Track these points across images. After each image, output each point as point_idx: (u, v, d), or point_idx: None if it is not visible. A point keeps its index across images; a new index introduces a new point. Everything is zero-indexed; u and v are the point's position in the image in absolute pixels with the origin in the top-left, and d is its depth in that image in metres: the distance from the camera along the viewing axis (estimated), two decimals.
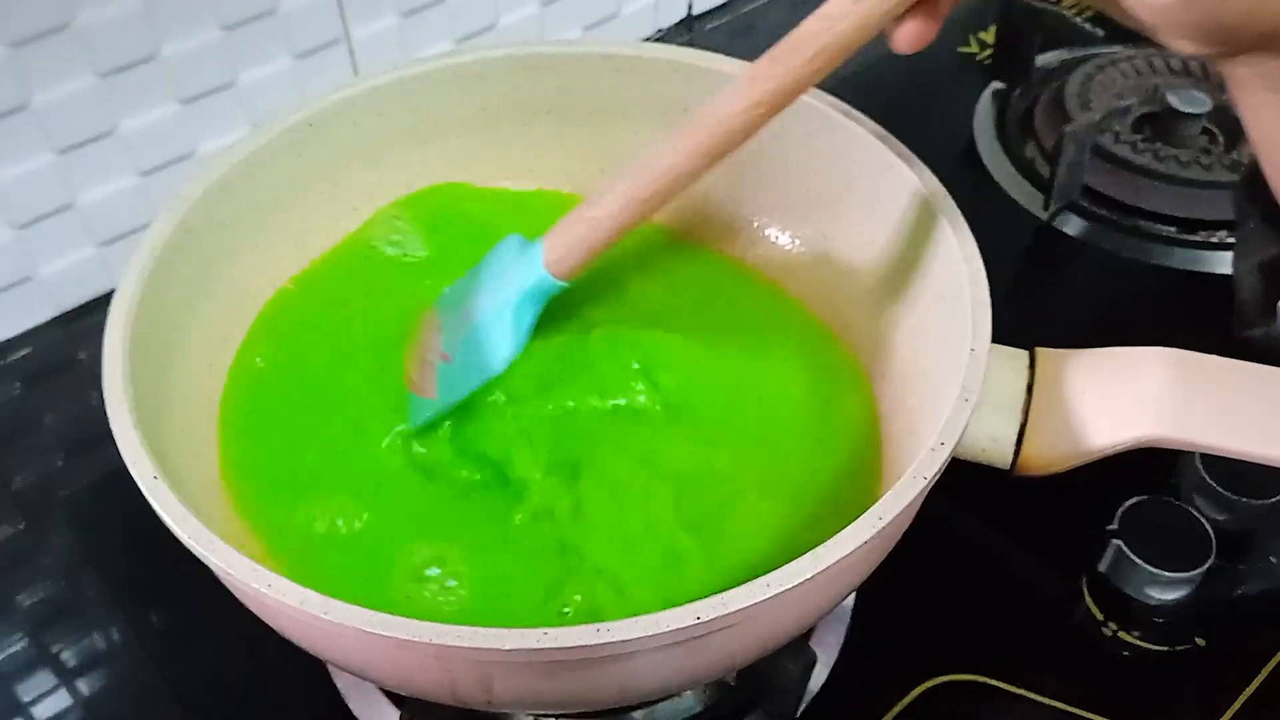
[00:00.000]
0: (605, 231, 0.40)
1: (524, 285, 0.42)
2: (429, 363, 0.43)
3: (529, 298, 0.42)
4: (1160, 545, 0.46)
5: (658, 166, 0.39)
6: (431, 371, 0.43)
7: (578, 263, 0.41)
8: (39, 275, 0.57)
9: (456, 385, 0.42)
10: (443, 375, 0.42)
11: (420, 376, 0.43)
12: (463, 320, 0.43)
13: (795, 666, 0.40)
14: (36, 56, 0.51)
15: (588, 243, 0.41)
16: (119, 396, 0.35)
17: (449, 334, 0.43)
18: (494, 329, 0.42)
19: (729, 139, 0.38)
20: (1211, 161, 0.64)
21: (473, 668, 0.31)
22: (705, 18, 0.79)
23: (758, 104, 0.37)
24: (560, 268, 0.41)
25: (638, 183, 0.39)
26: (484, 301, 0.43)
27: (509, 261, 0.43)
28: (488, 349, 0.42)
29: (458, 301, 0.44)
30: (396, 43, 0.63)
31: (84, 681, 0.46)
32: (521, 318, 0.42)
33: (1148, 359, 0.39)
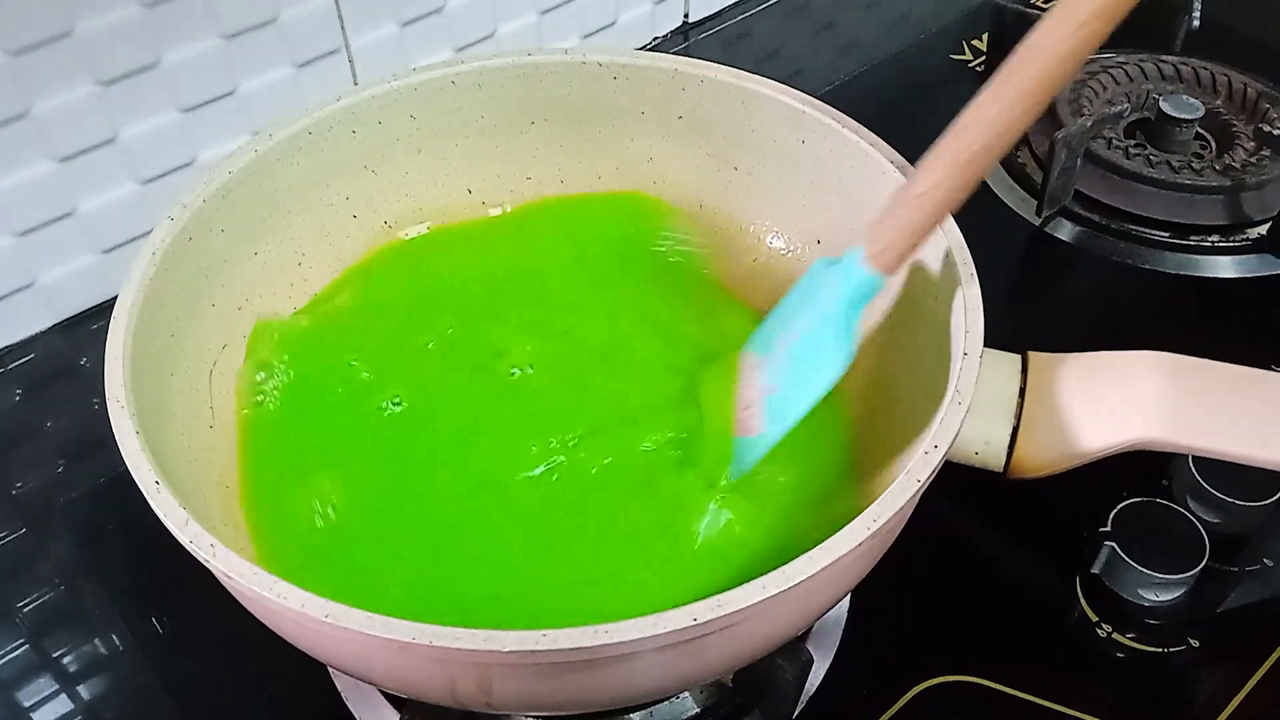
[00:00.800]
0: (931, 206, 0.36)
1: (845, 290, 0.39)
2: (753, 401, 0.42)
3: (854, 301, 0.39)
4: (1154, 547, 0.46)
5: (982, 121, 0.35)
6: (758, 409, 0.41)
7: (901, 251, 0.38)
8: (40, 282, 0.57)
9: (788, 411, 0.40)
10: (771, 406, 0.41)
11: (744, 416, 0.42)
12: (783, 346, 0.42)
13: (792, 668, 0.40)
14: (37, 65, 0.51)
15: (912, 225, 0.37)
16: (121, 402, 0.36)
17: (770, 365, 0.42)
18: (821, 342, 0.40)
19: (1060, 68, 0.33)
20: (1203, 166, 0.64)
21: (472, 669, 0.31)
22: (701, 25, 0.79)
23: (1090, 19, 0.32)
24: (884, 259, 0.38)
25: (960, 145, 0.35)
26: (802, 321, 0.41)
27: (819, 280, 0.41)
28: (818, 363, 0.40)
29: (772, 335, 0.43)
30: (395, 52, 0.63)
31: (84, 687, 0.46)
32: (847, 320, 0.39)
33: (1140, 362, 0.40)
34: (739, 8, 0.80)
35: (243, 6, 0.56)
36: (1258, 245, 0.63)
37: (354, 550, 0.40)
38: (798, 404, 0.40)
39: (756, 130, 0.48)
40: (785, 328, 0.42)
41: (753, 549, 0.40)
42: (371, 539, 0.41)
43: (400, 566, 0.40)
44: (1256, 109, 0.68)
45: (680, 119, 0.49)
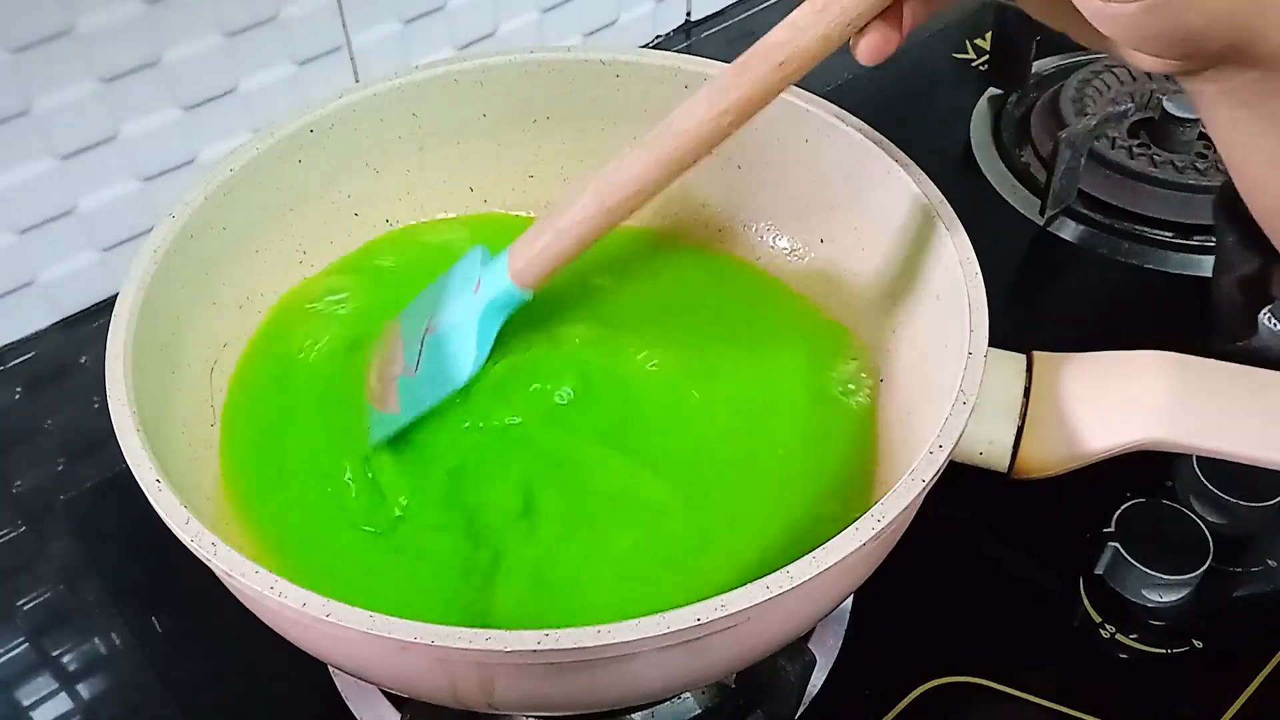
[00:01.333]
0: (572, 240, 0.40)
1: (489, 296, 0.41)
2: (391, 376, 0.43)
3: (494, 308, 0.41)
4: (1157, 548, 0.46)
5: (625, 176, 0.39)
6: (393, 385, 0.42)
7: (543, 272, 0.41)
8: (40, 280, 0.57)
9: (419, 398, 0.42)
10: (404, 388, 0.42)
11: (382, 390, 0.43)
12: (426, 332, 0.43)
13: (794, 668, 0.40)
14: (38, 62, 0.51)
15: (554, 251, 0.40)
16: (122, 400, 0.36)
17: (411, 347, 0.43)
18: (458, 340, 0.42)
19: (697, 147, 0.38)
20: (1207, 166, 0.64)
21: (474, 670, 0.31)
22: (703, 24, 0.79)
23: (725, 112, 0.37)
24: (525, 277, 0.41)
25: (605, 192, 0.39)
26: (448, 313, 0.42)
27: (473, 273, 0.43)
28: (451, 361, 0.41)
29: (421, 314, 0.44)
30: (397, 50, 0.63)
31: (84, 685, 0.46)
32: (486, 328, 0.41)
33: (1144, 362, 0.40)
34: (741, 6, 0.80)
35: (244, 4, 0.56)
36: None
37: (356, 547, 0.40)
38: (428, 396, 0.42)
39: (760, 129, 0.47)
40: (433, 309, 0.43)
41: (758, 549, 0.40)
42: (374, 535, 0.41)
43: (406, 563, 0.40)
44: None
45: None
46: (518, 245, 0.41)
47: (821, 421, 0.44)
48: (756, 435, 0.43)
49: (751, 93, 0.37)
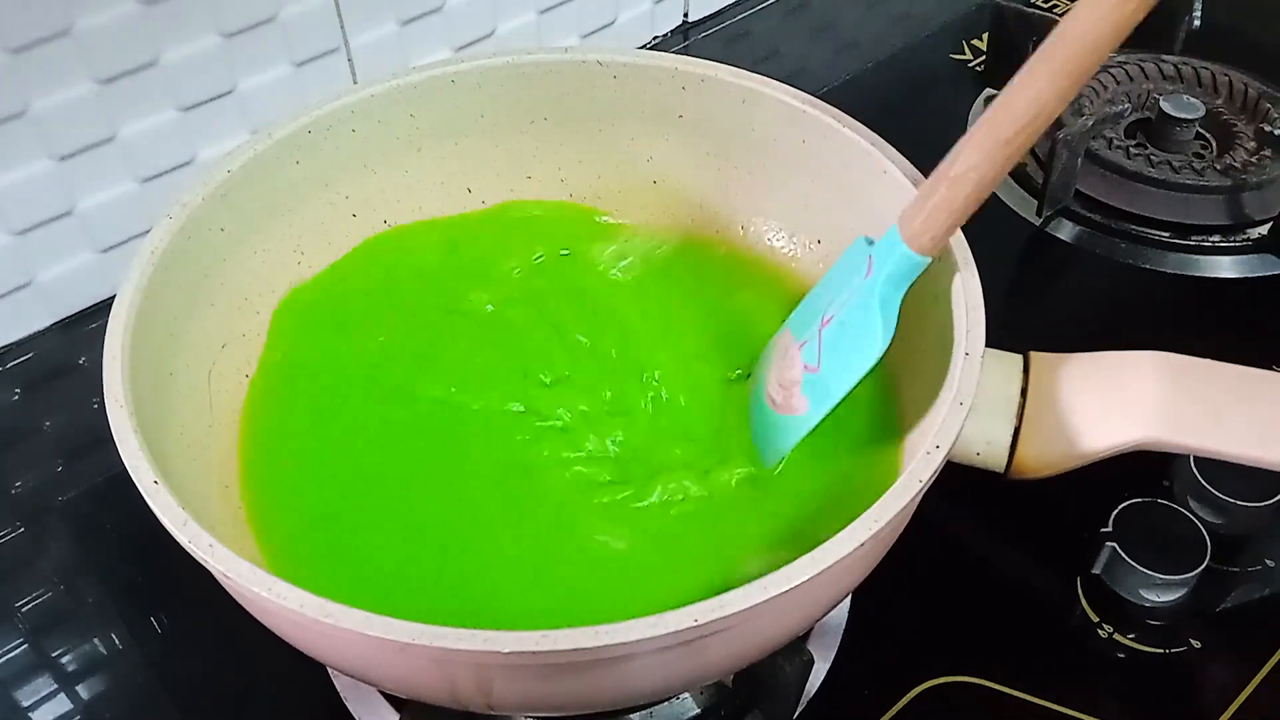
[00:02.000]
0: (969, 186, 0.36)
1: (886, 270, 0.39)
2: (792, 380, 0.42)
3: (893, 281, 0.39)
4: (1155, 548, 0.46)
5: (1020, 101, 0.34)
6: (796, 388, 0.41)
7: (941, 230, 0.37)
8: (38, 281, 0.57)
9: (830, 391, 0.40)
10: (810, 386, 0.41)
11: (784, 396, 0.42)
12: (821, 326, 0.42)
13: (793, 668, 0.40)
14: (36, 62, 0.51)
15: (950, 204, 0.37)
16: (119, 401, 0.36)
17: (809, 345, 0.42)
18: (860, 323, 0.39)
19: (1097, 47, 0.33)
20: (1204, 166, 0.64)
21: (472, 670, 0.31)
22: (701, 25, 0.79)
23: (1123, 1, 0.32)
24: (922, 240, 0.38)
25: (998, 125, 0.35)
26: (840, 303, 0.41)
27: (859, 259, 0.41)
28: (859, 342, 0.39)
29: (811, 312, 0.43)
30: (395, 51, 0.63)
31: (83, 686, 0.46)
32: (888, 300, 0.39)
33: (1141, 363, 0.40)
34: (739, 7, 0.80)
35: (242, 5, 0.56)
36: (1258, 245, 0.63)
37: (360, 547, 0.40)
38: (839, 384, 0.40)
39: (757, 129, 0.48)
40: (823, 307, 0.42)
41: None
42: (378, 534, 0.41)
43: (407, 563, 0.40)
44: (1257, 109, 0.68)
45: (680, 118, 0.49)
46: (909, 211, 0.38)
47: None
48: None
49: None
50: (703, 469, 0.42)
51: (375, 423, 0.44)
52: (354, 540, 0.40)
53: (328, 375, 0.45)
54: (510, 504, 0.41)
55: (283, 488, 0.42)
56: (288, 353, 0.46)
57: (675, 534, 0.40)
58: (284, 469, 0.42)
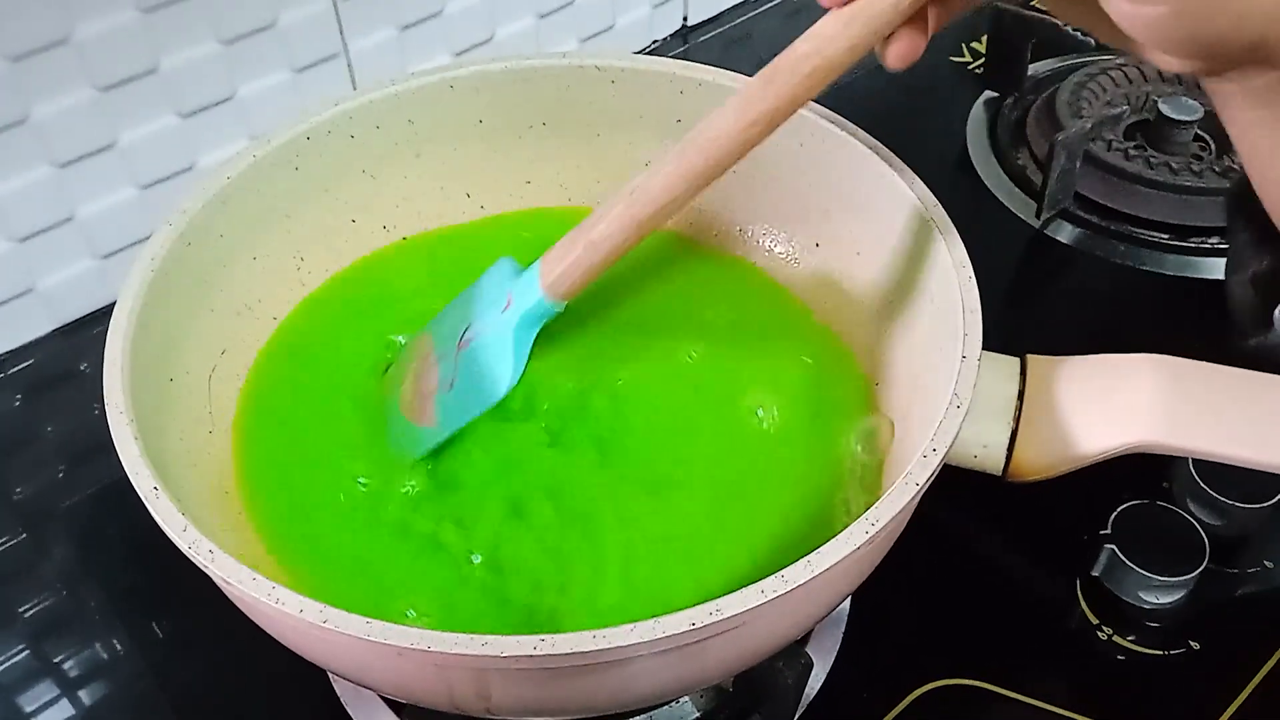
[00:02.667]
0: (603, 253, 0.40)
1: (522, 308, 0.41)
2: (428, 391, 0.43)
3: (527, 320, 0.42)
4: (1154, 550, 0.46)
5: (654, 189, 0.39)
6: (430, 400, 0.43)
7: (576, 284, 0.41)
8: (39, 288, 0.57)
9: (458, 413, 0.42)
10: (443, 404, 0.42)
11: (419, 405, 0.43)
12: (460, 347, 0.43)
13: (791, 672, 0.40)
14: (36, 70, 0.52)
15: (585, 264, 0.41)
16: (119, 407, 0.36)
17: (446, 361, 0.43)
18: (494, 355, 0.42)
19: (724, 159, 0.38)
20: (1203, 168, 0.64)
21: (470, 675, 0.31)
22: (700, 29, 0.79)
23: (752, 123, 0.38)
24: (558, 289, 0.41)
25: (635, 205, 0.40)
26: (481, 327, 0.43)
27: (504, 283, 0.43)
28: (489, 376, 0.42)
29: (452, 327, 0.44)
30: (394, 56, 0.64)
31: (85, 692, 0.46)
32: (521, 341, 0.42)
33: (1139, 365, 0.40)
34: (738, 11, 0.80)
35: (241, 11, 0.56)
36: None
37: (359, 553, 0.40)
38: (467, 410, 0.42)
39: None
40: (462, 324, 0.44)
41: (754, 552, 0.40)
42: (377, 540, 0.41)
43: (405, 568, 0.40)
44: None
45: (679, 123, 0.49)
46: (549, 258, 0.42)
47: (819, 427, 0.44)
48: (749, 437, 0.43)
49: (779, 104, 0.37)
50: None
51: (373, 427, 0.44)
52: (353, 546, 0.40)
53: (327, 381, 0.45)
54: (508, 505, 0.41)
55: (281, 493, 0.42)
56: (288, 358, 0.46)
57: (672, 538, 0.40)
58: (282, 474, 0.43)
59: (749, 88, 0.38)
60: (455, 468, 0.42)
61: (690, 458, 0.42)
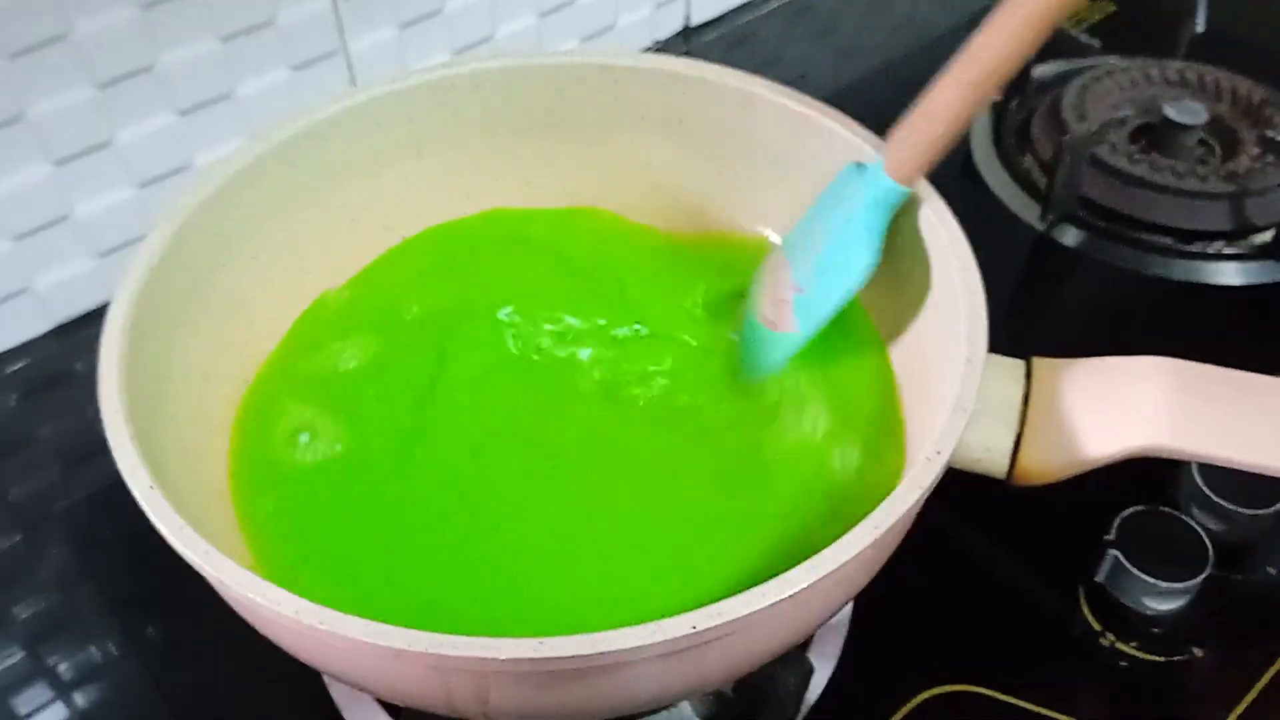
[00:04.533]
0: (944, 124, 0.40)
1: (870, 197, 0.42)
2: (783, 299, 0.44)
3: (877, 208, 0.42)
4: (1157, 555, 0.46)
5: (989, 49, 0.39)
6: (788, 306, 0.44)
7: (920, 161, 0.41)
8: (35, 287, 0.57)
9: (816, 312, 0.43)
10: (800, 306, 0.43)
11: (775, 314, 0.44)
12: (811, 250, 0.44)
13: (793, 677, 0.40)
14: (33, 67, 0.51)
15: (928, 137, 0.41)
16: (115, 407, 0.35)
17: (799, 267, 0.44)
18: (846, 246, 0.42)
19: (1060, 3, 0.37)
20: (1208, 172, 0.64)
21: (469, 678, 0.31)
22: (703, 29, 0.79)
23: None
24: (904, 169, 0.41)
25: (967, 68, 0.39)
26: (830, 226, 0.43)
27: (847, 188, 0.43)
28: (844, 266, 0.42)
29: (802, 237, 0.45)
30: (394, 54, 0.63)
31: (80, 694, 0.46)
32: (873, 229, 0.42)
33: (1144, 368, 0.39)
34: (741, 12, 0.80)
35: (240, 8, 0.56)
36: (1262, 251, 0.63)
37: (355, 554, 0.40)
38: (825, 304, 0.43)
39: (757, 133, 0.48)
40: (813, 232, 0.44)
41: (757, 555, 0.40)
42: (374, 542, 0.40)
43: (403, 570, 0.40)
44: (1261, 114, 0.68)
45: (680, 121, 0.49)
46: (891, 143, 0.42)
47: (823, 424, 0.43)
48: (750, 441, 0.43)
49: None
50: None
51: (371, 429, 0.44)
52: (350, 547, 0.40)
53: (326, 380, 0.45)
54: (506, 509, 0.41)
55: (277, 495, 0.42)
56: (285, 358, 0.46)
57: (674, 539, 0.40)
58: (278, 477, 0.42)
59: None
60: (455, 467, 0.42)
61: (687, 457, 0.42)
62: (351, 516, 0.41)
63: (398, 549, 0.40)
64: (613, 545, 0.40)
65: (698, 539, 0.40)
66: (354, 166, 0.48)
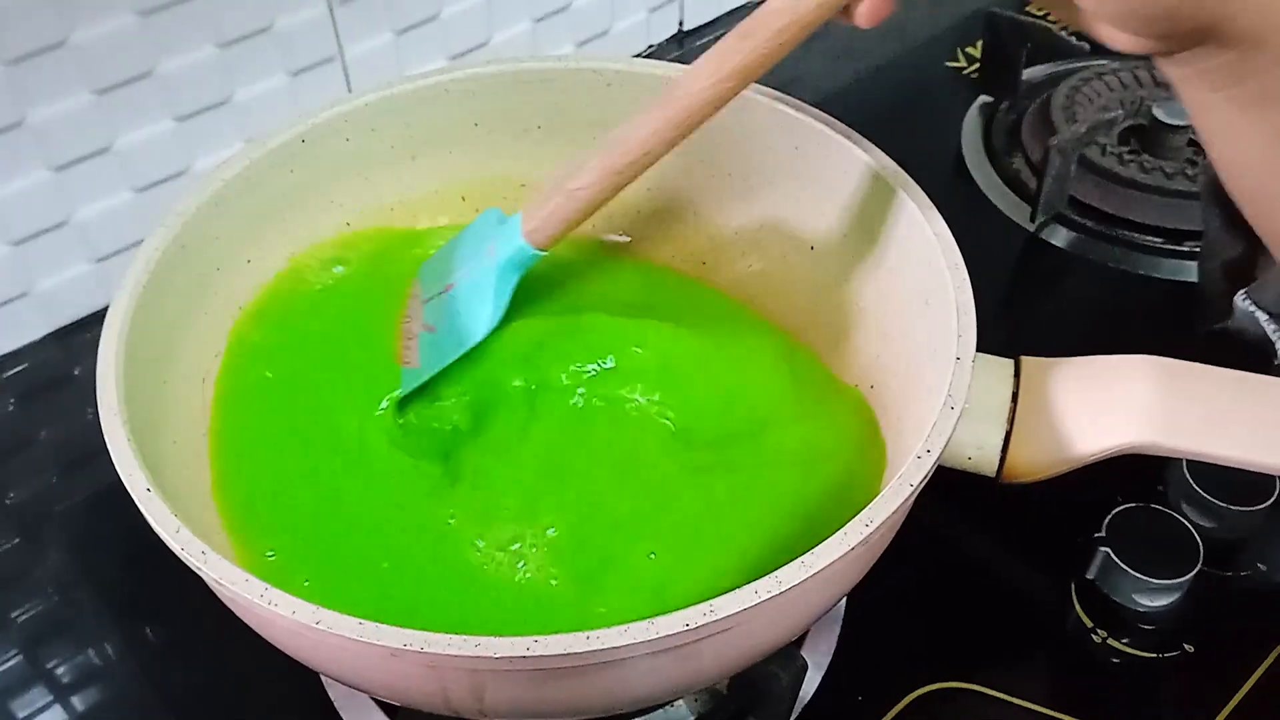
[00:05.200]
0: (581, 203, 0.42)
1: (504, 255, 0.43)
2: (412, 334, 0.45)
3: (508, 267, 0.43)
4: (1148, 552, 0.46)
5: (632, 140, 0.40)
6: (414, 342, 0.44)
7: (555, 233, 0.43)
8: (35, 291, 0.57)
9: (439, 354, 0.43)
10: (425, 345, 0.44)
11: (405, 348, 0.45)
12: (443, 290, 0.45)
13: (787, 674, 0.40)
14: (33, 73, 0.52)
15: (564, 213, 0.42)
16: (113, 409, 0.36)
17: (431, 305, 0.45)
18: (474, 298, 0.43)
19: (700, 111, 0.39)
20: (1196, 173, 0.64)
21: (464, 676, 0.31)
22: (696, 34, 0.79)
23: (726, 78, 0.39)
24: (538, 237, 0.43)
25: (613, 156, 0.41)
26: (464, 272, 0.44)
27: (488, 232, 0.45)
28: (468, 318, 0.43)
29: (438, 273, 0.46)
30: (390, 60, 0.64)
31: (78, 697, 0.46)
32: (502, 287, 0.43)
33: (1133, 366, 0.40)
34: (734, 16, 0.80)
35: (238, 15, 0.56)
36: None
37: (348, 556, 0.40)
38: (446, 352, 0.43)
39: (750, 136, 0.48)
40: (451, 267, 0.45)
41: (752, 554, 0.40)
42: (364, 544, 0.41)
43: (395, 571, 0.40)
44: None
45: None
46: (529, 207, 0.43)
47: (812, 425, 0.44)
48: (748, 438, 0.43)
49: (752, 60, 0.38)
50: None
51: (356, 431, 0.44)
52: (342, 549, 0.40)
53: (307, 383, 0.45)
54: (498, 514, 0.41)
55: (266, 496, 0.42)
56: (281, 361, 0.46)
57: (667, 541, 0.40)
58: (272, 477, 0.42)
59: (724, 43, 0.38)
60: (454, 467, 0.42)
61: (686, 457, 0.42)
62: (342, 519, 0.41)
63: (391, 551, 0.40)
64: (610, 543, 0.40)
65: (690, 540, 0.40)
66: (349, 170, 0.48)
